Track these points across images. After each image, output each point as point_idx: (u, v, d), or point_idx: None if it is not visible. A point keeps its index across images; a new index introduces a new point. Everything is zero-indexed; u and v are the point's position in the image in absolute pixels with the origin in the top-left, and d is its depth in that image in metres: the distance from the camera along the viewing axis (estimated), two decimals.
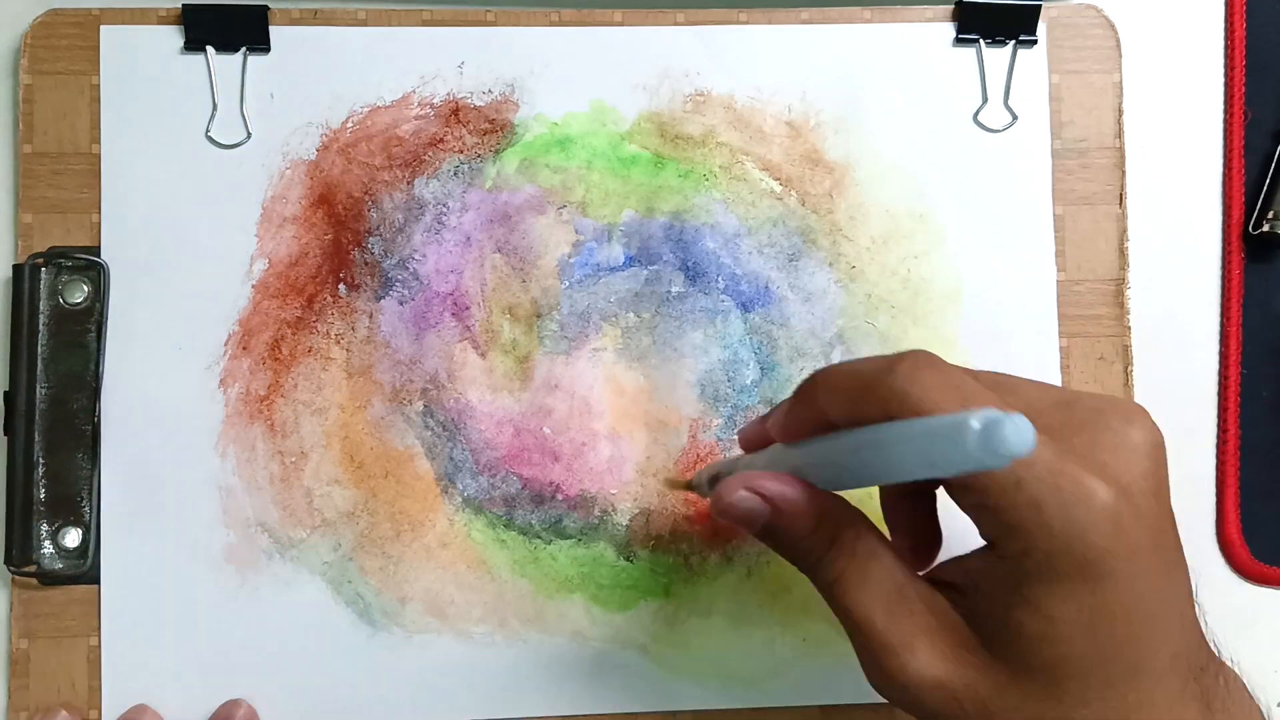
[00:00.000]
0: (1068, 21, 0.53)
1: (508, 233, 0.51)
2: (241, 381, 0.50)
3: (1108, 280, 0.52)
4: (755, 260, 0.51)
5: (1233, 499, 0.53)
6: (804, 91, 0.52)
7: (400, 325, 0.50)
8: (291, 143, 0.51)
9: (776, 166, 0.52)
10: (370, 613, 0.49)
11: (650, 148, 0.51)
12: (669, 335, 0.51)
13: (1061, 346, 0.52)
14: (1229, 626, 0.53)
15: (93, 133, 0.50)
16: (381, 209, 0.51)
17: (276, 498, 0.50)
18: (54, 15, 0.50)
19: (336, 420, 0.50)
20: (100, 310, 0.49)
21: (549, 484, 0.50)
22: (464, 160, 0.51)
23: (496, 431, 0.50)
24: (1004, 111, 0.52)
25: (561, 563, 0.50)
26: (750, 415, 0.51)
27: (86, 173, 0.50)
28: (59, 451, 0.49)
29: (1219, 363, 0.54)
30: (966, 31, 0.52)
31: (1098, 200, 0.52)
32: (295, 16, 0.51)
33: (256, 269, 0.50)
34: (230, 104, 0.50)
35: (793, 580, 0.50)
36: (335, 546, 0.50)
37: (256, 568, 0.49)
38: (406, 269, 0.51)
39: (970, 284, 0.52)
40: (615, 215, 0.51)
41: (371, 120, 0.51)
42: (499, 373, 0.50)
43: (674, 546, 0.50)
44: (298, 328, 0.50)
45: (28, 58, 0.50)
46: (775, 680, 0.50)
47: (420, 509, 0.50)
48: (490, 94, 0.51)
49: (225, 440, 0.50)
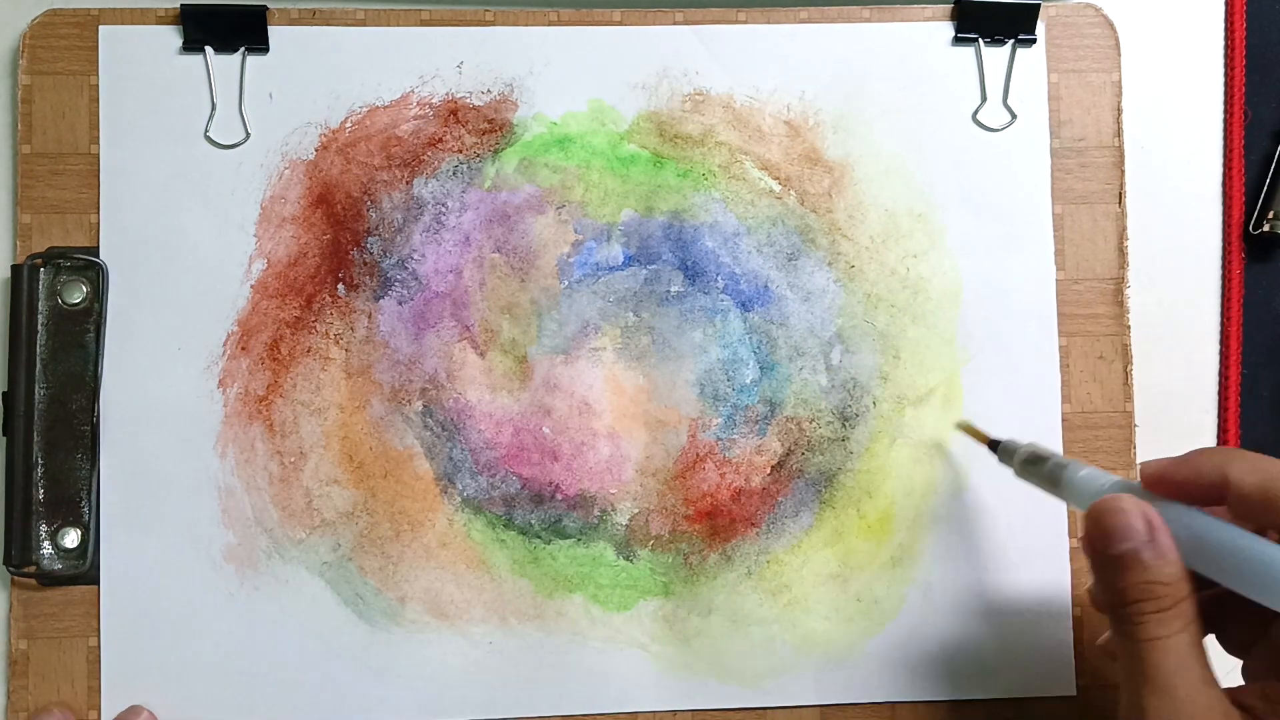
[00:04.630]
0: (1067, 20, 0.52)
1: (507, 232, 0.51)
2: (240, 382, 0.50)
3: (1107, 279, 0.52)
4: (754, 259, 0.51)
5: None
6: (803, 91, 0.52)
7: (399, 325, 0.50)
8: (290, 143, 0.51)
9: (775, 166, 0.52)
10: (370, 613, 0.49)
11: (649, 147, 0.51)
12: (668, 334, 0.51)
13: (1061, 345, 0.52)
14: None
15: (91, 133, 0.50)
16: (380, 209, 0.51)
17: (276, 498, 0.50)
18: (53, 15, 0.50)
19: (335, 420, 0.50)
20: (99, 310, 0.49)
21: (548, 484, 0.50)
22: (463, 160, 0.51)
23: (496, 431, 0.50)
24: (1003, 110, 0.52)
25: (561, 562, 0.50)
26: (749, 414, 0.51)
27: (85, 173, 0.50)
28: (58, 452, 0.49)
29: (1219, 363, 0.54)
30: (965, 30, 0.52)
31: (1096, 199, 0.52)
32: (294, 16, 0.51)
33: (255, 269, 0.50)
34: (229, 104, 0.50)
35: (792, 580, 0.50)
36: (335, 546, 0.50)
37: (256, 568, 0.49)
38: (405, 269, 0.51)
39: (969, 283, 0.52)
40: (614, 215, 0.51)
41: (370, 120, 0.51)
42: (498, 372, 0.50)
43: (673, 546, 0.50)
44: (297, 328, 0.50)
45: (26, 58, 0.50)
46: (774, 680, 0.50)
47: (420, 509, 0.50)
48: (489, 94, 0.51)
49: (224, 440, 0.50)
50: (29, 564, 0.48)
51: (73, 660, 0.49)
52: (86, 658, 0.49)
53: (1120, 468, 0.51)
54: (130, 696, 0.49)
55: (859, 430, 0.51)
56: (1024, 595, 0.51)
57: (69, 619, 0.49)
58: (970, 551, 0.51)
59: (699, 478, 0.50)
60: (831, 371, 0.51)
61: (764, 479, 0.51)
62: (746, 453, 0.51)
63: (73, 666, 0.49)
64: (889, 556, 0.51)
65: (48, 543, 0.49)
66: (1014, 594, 0.51)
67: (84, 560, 0.49)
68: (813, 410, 0.51)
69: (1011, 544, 0.51)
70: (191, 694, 0.49)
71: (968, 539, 0.51)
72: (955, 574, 0.51)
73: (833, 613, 0.50)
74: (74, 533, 0.49)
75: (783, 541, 0.51)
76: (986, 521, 0.51)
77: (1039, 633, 0.51)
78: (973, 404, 0.51)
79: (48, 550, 0.49)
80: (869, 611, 0.51)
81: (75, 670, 0.49)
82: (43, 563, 0.48)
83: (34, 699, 0.48)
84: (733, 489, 0.50)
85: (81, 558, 0.49)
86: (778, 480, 0.51)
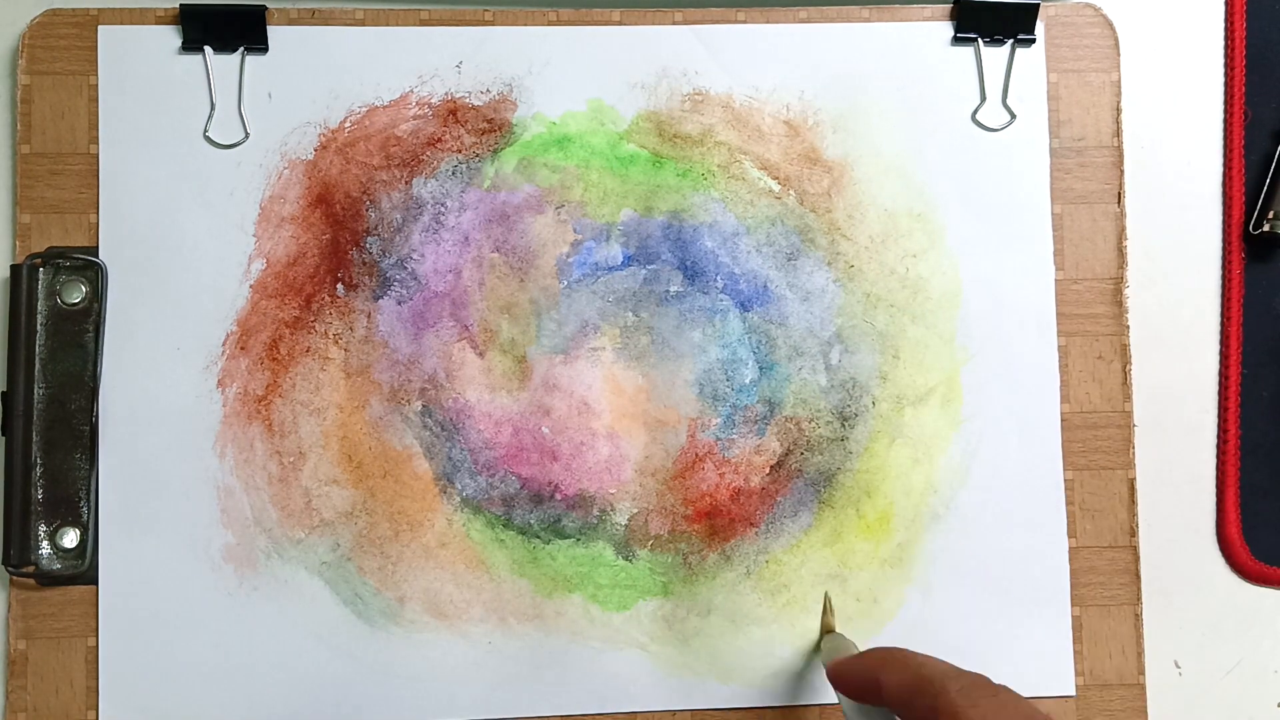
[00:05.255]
0: (1066, 20, 0.52)
1: (506, 232, 0.51)
2: (239, 381, 0.50)
3: (1106, 279, 0.52)
4: (753, 259, 0.51)
5: (1233, 499, 0.53)
6: (802, 90, 0.52)
7: (398, 325, 0.50)
8: (289, 142, 0.51)
9: (775, 165, 0.52)
10: (369, 612, 0.49)
11: (648, 147, 0.51)
12: (667, 334, 0.51)
13: (1060, 345, 0.52)
14: (1229, 626, 0.53)
15: (91, 133, 0.50)
16: (379, 209, 0.51)
17: (275, 498, 0.50)
18: (52, 15, 0.50)
19: (335, 420, 0.50)
20: (98, 310, 0.49)
21: (547, 483, 0.50)
22: (462, 160, 0.51)
23: (495, 431, 0.50)
24: (1002, 110, 0.52)
25: (560, 562, 0.50)
26: (748, 414, 0.51)
27: (84, 173, 0.50)
28: (57, 452, 0.49)
29: (1219, 363, 0.54)
30: (965, 30, 0.52)
31: (1096, 199, 0.52)
32: (293, 16, 0.51)
33: (254, 269, 0.50)
34: (228, 104, 0.50)
35: (791, 580, 0.50)
36: (334, 546, 0.50)
37: (255, 568, 0.49)
38: (404, 269, 0.51)
39: (968, 282, 0.52)
40: (614, 214, 0.51)
41: (369, 120, 0.51)
42: (497, 372, 0.50)
43: (672, 546, 0.50)
44: (296, 328, 0.50)
45: (26, 58, 0.50)
46: (773, 679, 0.50)
47: (419, 509, 0.50)
48: (488, 93, 0.51)
49: (223, 440, 0.50)
50: (28, 564, 0.48)
51: (71, 660, 0.49)
52: (85, 657, 0.49)
53: (1119, 467, 0.51)
54: (129, 696, 0.49)
55: (858, 430, 0.51)
56: (1022, 595, 0.51)
57: (68, 619, 0.49)
58: (968, 551, 0.51)
59: (698, 478, 0.50)
60: (831, 371, 0.51)
61: (763, 479, 0.51)
62: (745, 452, 0.51)
63: (71, 666, 0.49)
64: (888, 556, 0.51)
65: (46, 543, 0.49)
66: (1012, 594, 0.51)
67: (83, 560, 0.49)
68: (812, 410, 0.51)
69: (1010, 544, 0.51)
70: (190, 694, 0.49)
71: (966, 539, 0.51)
72: (954, 574, 0.51)
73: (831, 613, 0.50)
74: (73, 532, 0.49)
75: (782, 541, 0.50)
76: (985, 521, 0.51)
77: (1037, 633, 0.51)
78: (972, 403, 0.51)
79: (46, 550, 0.49)
80: (868, 611, 0.51)
81: (74, 670, 0.49)
82: (41, 562, 0.48)
83: (32, 699, 0.48)
84: (732, 489, 0.50)
85: (80, 557, 0.49)
86: (777, 480, 0.51)
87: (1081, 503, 0.51)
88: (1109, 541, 0.51)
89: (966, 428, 0.51)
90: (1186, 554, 0.53)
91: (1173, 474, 0.53)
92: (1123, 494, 0.51)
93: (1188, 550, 0.53)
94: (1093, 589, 0.51)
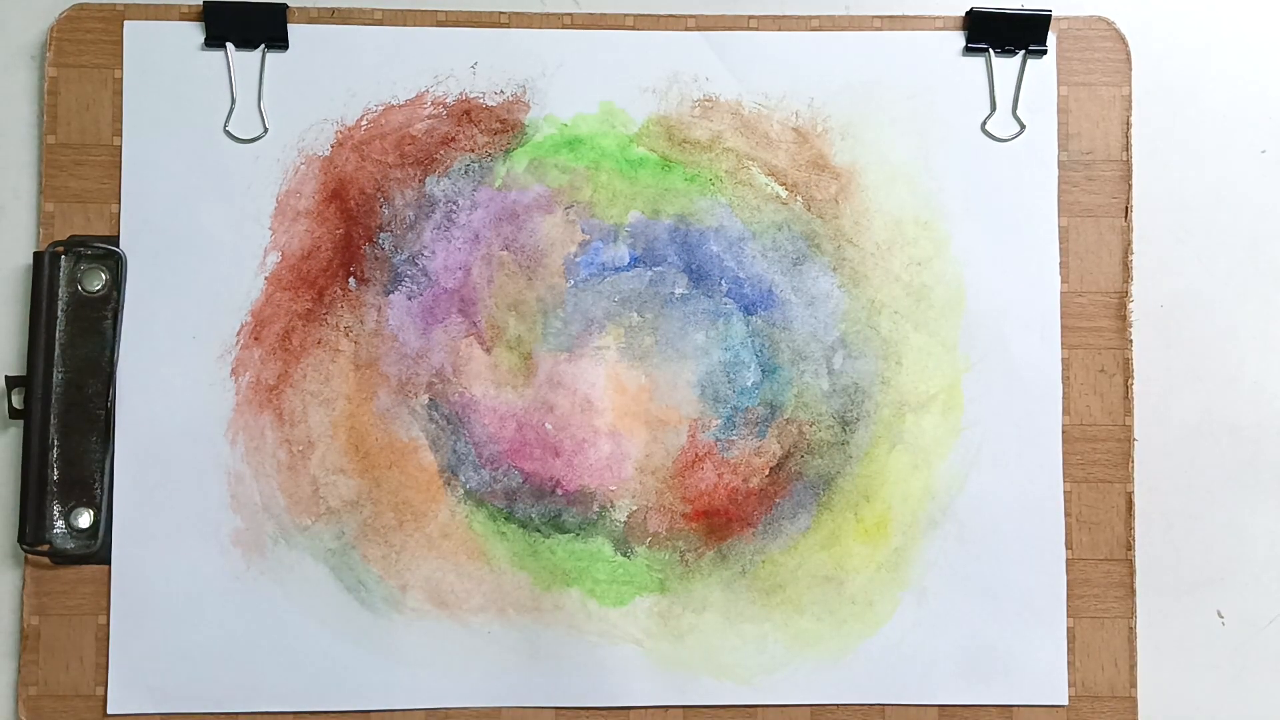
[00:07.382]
0: (1078, 33, 0.53)
1: (515, 231, 0.52)
2: (252, 371, 0.51)
3: (1110, 293, 0.52)
4: (759, 264, 0.52)
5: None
6: (812, 98, 0.52)
7: (408, 320, 0.51)
8: (307, 138, 0.52)
9: (782, 171, 0.52)
10: (371, 599, 0.50)
11: (658, 150, 0.52)
12: (671, 336, 0.52)
13: (1062, 357, 0.52)
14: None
15: (114, 125, 0.51)
16: (393, 205, 0.52)
17: (283, 485, 0.51)
18: (79, 10, 0.51)
19: (343, 411, 0.51)
20: (117, 298, 0.51)
21: (549, 479, 0.51)
22: (474, 159, 0.52)
23: (499, 426, 0.51)
24: (1012, 121, 0.52)
25: (560, 556, 0.51)
26: (749, 416, 0.51)
27: (107, 164, 0.51)
28: (73, 434, 0.50)
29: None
30: (976, 40, 0.52)
31: (1102, 213, 0.52)
32: (313, 15, 0.52)
33: (270, 261, 0.51)
34: (248, 99, 0.52)
35: (786, 579, 0.51)
36: (339, 534, 0.51)
37: (262, 552, 0.50)
38: (416, 265, 0.51)
39: (973, 291, 0.52)
40: (622, 216, 0.52)
41: (385, 118, 0.52)
42: (503, 368, 0.51)
43: (670, 543, 0.51)
44: (308, 320, 0.51)
45: (53, 51, 0.51)
46: (766, 677, 0.51)
47: (423, 500, 0.51)
48: (502, 94, 0.52)
49: (235, 428, 0.51)
50: (42, 542, 0.50)
51: (82, 637, 0.50)
52: (95, 635, 0.50)
53: (1118, 480, 0.51)
54: (137, 673, 0.50)
55: (859, 435, 0.52)
56: (1017, 604, 0.51)
57: (80, 597, 0.50)
58: (965, 559, 0.51)
59: (697, 477, 0.51)
60: (833, 376, 0.52)
61: (762, 480, 0.51)
62: (745, 454, 0.51)
63: (82, 643, 0.50)
64: (884, 561, 0.51)
65: (61, 522, 0.50)
66: (1007, 602, 0.51)
67: (95, 540, 0.50)
68: (813, 414, 0.51)
69: (1006, 553, 0.51)
70: (195, 672, 0.50)
71: (963, 546, 0.51)
72: (949, 580, 0.51)
73: (826, 614, 0.51)
74: (87, 513, 0.50)
75: (779, 542, 0.51)
76: (982, 529, 0.51)
77: (1031, 641, 0.51)
78: (973, 412, 0.51)
79: (61, 529, 0.50)
80: (863, 614, 0.51)
81: (84, 647, 0.50)
82: (56, 542, 0.50)
83: (44, 673, 0.50)
84: (730, 489, 0.51)
85: (93, 538, 0.50)
86: (776, 482, 0.51)
87: (1079, 515, 0.51)
88: (1105, 554, 0.51)
89: (967, 436, 0.51)
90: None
91: (1180, 484, 0.53)
92: (1120, 507, 0.51)
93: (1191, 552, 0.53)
94: (1087, 601, 0.51)
